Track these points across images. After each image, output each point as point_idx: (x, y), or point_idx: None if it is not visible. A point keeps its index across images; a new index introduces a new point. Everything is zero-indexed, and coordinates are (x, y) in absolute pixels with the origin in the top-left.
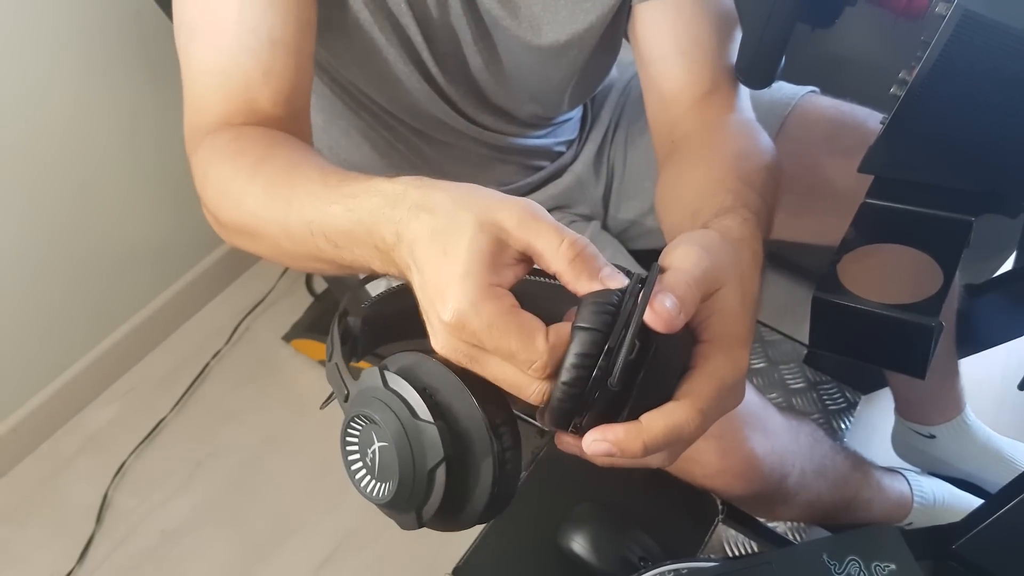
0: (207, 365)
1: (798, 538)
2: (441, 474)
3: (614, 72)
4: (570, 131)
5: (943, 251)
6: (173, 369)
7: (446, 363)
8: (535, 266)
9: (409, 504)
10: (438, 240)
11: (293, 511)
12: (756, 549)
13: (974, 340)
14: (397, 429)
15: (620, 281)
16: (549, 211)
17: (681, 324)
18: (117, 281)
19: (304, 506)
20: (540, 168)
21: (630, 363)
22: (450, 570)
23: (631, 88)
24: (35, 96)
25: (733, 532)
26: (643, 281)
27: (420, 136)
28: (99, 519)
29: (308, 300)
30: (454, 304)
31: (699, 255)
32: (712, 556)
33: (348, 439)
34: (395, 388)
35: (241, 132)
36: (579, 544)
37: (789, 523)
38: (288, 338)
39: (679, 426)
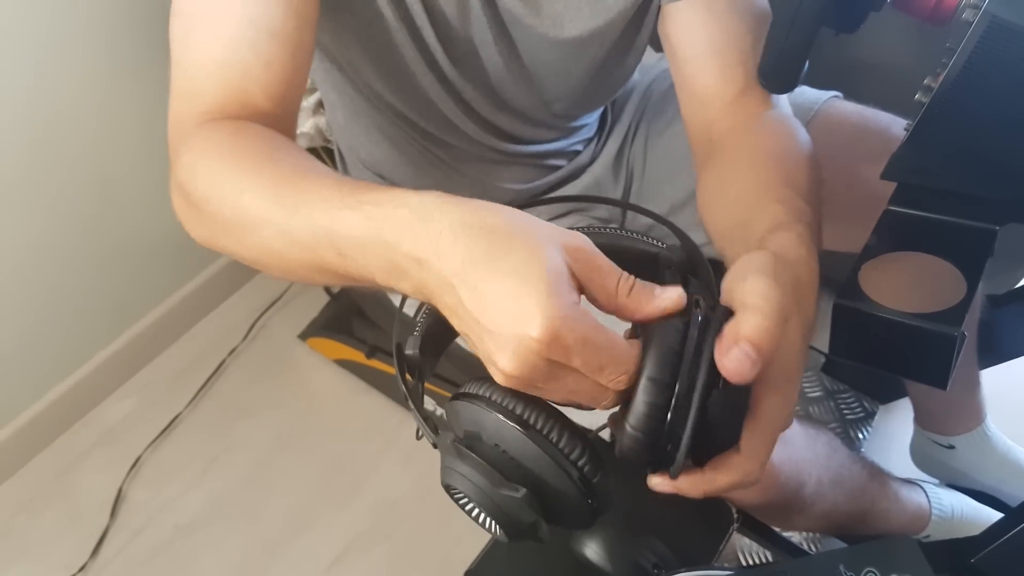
0: (223, 362)
1: (813, 548)
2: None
3: (636, 75)
4: (587, 130)
5: (967, 260)
6: (190, 365)
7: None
8: None
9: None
10: (504, 261)
11: (306, 508)
12: (771, 559)
13: (996, 351)
14: (483, 500)
15: (673, 295)
16: (566, 214)
17: (756, 375)
18: (136, 277)
19: (317, 504)
20: (557, 168)
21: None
22: (462, 572)
23: (652, 90)
24: (62, 94)
25: (748, 541)
26: (706, 322)
27: (431, 139)
28: (113, 512)
29: (324, 299)
30: (546, 321)
31: (770, 288)
32: (727, 565)
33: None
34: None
35: (241, 128)
36: (592, 550)
37: (804, 533)
38: (304, 336)
39: (741, 480)
